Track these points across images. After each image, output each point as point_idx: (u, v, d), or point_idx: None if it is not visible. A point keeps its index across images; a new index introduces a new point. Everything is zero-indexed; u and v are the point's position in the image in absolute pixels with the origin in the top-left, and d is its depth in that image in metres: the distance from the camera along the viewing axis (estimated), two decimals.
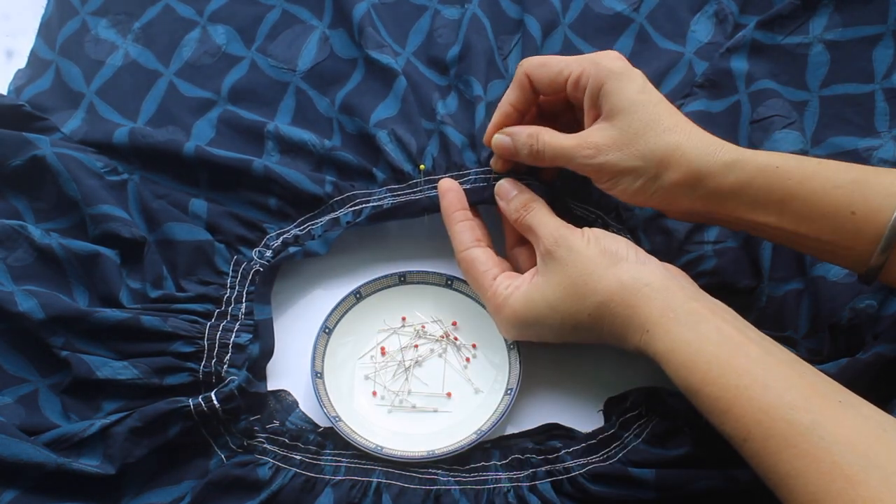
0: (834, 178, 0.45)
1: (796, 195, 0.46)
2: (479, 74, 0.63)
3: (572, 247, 0.50)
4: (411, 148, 0.61)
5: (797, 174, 0.46)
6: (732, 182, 0.47)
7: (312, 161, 0.62)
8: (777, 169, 0.46)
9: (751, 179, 0.47)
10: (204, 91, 0.66)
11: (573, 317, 0.49)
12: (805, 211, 0.46)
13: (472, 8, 0.67)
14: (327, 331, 0.57)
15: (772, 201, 0.47)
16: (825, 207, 0.45)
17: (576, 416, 0.55)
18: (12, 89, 0.67)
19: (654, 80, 0.63)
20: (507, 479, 0.52)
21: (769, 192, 0.46)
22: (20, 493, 0.50)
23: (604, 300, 0.48)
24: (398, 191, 0.60)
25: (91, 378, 0.53)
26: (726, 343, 0.44)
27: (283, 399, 0.57)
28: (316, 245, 0.59)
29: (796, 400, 0.40)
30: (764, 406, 0.41)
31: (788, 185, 0.46)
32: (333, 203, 0.60)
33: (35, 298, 0.54)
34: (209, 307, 0.57)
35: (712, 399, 0.43)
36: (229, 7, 0.69)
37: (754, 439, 0.40)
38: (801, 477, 0.38)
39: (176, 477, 0.53)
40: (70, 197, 0.59)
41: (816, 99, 0.61)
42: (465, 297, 0.59)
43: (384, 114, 0.62)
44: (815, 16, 0.63)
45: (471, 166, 0.60)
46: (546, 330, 0.51)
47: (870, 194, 0.44)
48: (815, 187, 0.45)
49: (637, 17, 0.67)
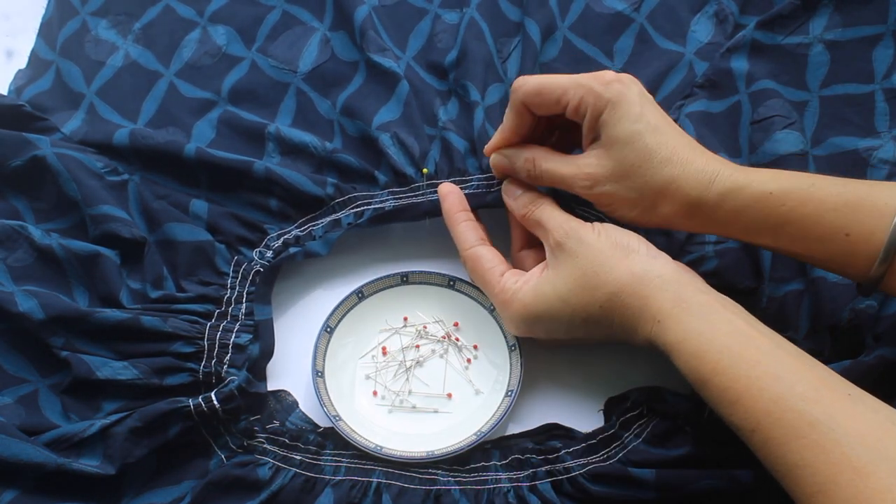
0: (827, 201, 0.46)
1: (790, 221, 0.46)
2: (477, 80, 0.63)
3: (583, 239, 0.50)
4: (414, 151, 0.61)
5: (791, 200, 0.46)
6: (728, 211, 0.48)
7: (313, 163, 0.62)
8: (770, 195, 0.47)
9: (745, 208, 0.47)
10: (204, 92, 0.66)
11: (584, 309, 0.49)
12: (800, 235, 0.47)
13: (469, 12, 0.67)
14: (329, 330, 0.57)
15: (767, 227, 0.47)
16: (820, 231, 0.46)
17: (576, 416, 0.55)
18: (12, 89, 0.67)
19: (654, 81, 0.63)
20: (507, 479, 0.52)
21: (764, 220, 0.47)
22: (20, 493, 0.50)
23: (616, 291, 0.48)
24: (400, 194, 0.60)
25: (91, 378, 0.53)
26: (737, 334, 0.44)
27: (283, 399, 0.57)
28: (317, 246, 0.59)
29: (807, 391, 0.40)
30: (774, 396, 0.41)
31: (782, 211, 0.47)
32: (335, 204, 0.60)
33: (35, 299, 0.54)
34: (209, 307, 0.57)
35: (722, 389, 0.43)
36: (229, 8, 0.69)
37: (763, 430, 0.41)
38: (810, 468, 0.38)
39: (176, 477, 0.53)
40: (70, 197, 0.59)
41: (816, 99, 0.61)
42: (467, 298, 0.59)
43: (386, 117, 0.62)
44: (815, 16, 0.63)
45: (473, 172, 0.60)
46: (556, 324, 0.51)
47: (864, 217, 0.45)
48: (808, 212, 0.46)
49: (637, 16, 0.67)
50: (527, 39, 0.65)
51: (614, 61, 0.65)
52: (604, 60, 0.65)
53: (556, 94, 0.52)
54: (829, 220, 0.45)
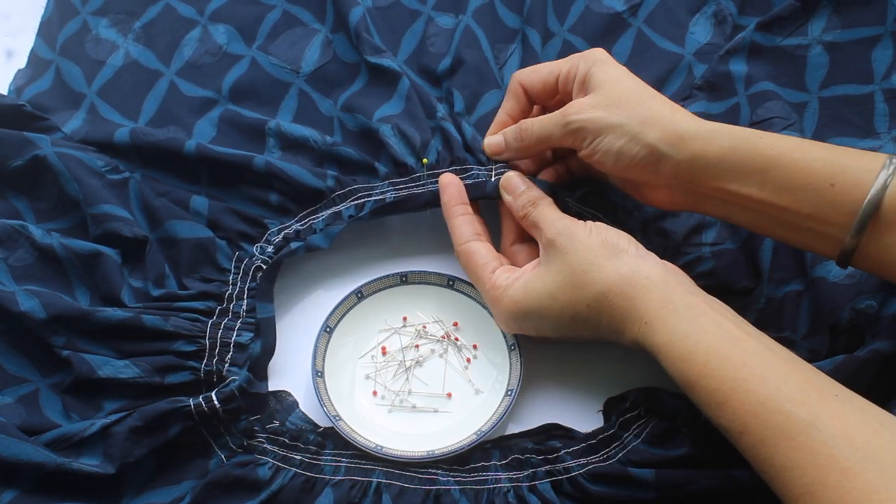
0: (815, 152, 0.46)
1: (777, 164, 0.47)
2: (465, 88, 0.63)
3: (574, 236, 0.50)
4: (415, 141, 0.61)
5: (779, 146, 0.47)
6: (715, 147, 0.48)
7: (314, 157, 0.62)
8: (760, 139, 0.48)
9: (733, 146, 0.48)
10: (205, 90, 0.66)
11: (572, 307, 0.49)
12: (786, 181, 0.47)
13: (465, 19, 0.67)
14: (328, 330, 0.57)
15: (754, 170, 0.47)
16: (805, 178, 0.46)
17: (576, 417, 0.56)
18: (12, 89, 0.67)
19: (654, 84, 0.63)
20: (506, 479, 0.52)
21: (752, 161, 0.47)
22: (20, 493, 0.50)
23: (603, 291, 0.48)
24: (401, 184, 0.60)
25: (92, 377, 0.53)
26: (724, 336, 0.44)
27: (283, 399, 0.57)
28: (318, 239, 0.59)
29: (794, 393, 0.40)
30: (761, 398, 0.41)
31: (770, 154, 0.47)
32: (335, 197, 0.60)
33: (36, 298, 0.54)
34: (211, 304, 0.57)
35: (709, 391, 0.43)
36: (230, 6, 0.69)
37: (751, 432, 0.41)
38: (798, 469, 0.39)
39: (176, 477, 0.53)
40: (71, 196, 0.59)
41: (816, 100, 0.61)
42: (466, 298, 0.59)
43: (388, 111, 0.63)
44: (814, 17, 0.63)
45: (473, 163, 0.60)
46: (545, 322, 0.51)
47: (849, 168, 0.45)
48: (796, 157, 0.46)
49: (636, 18, 0.67)
50: (528, 48, 0.65)
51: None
52: None
53: (549, 68, 0.56)
54: (816, 167, 0.46)
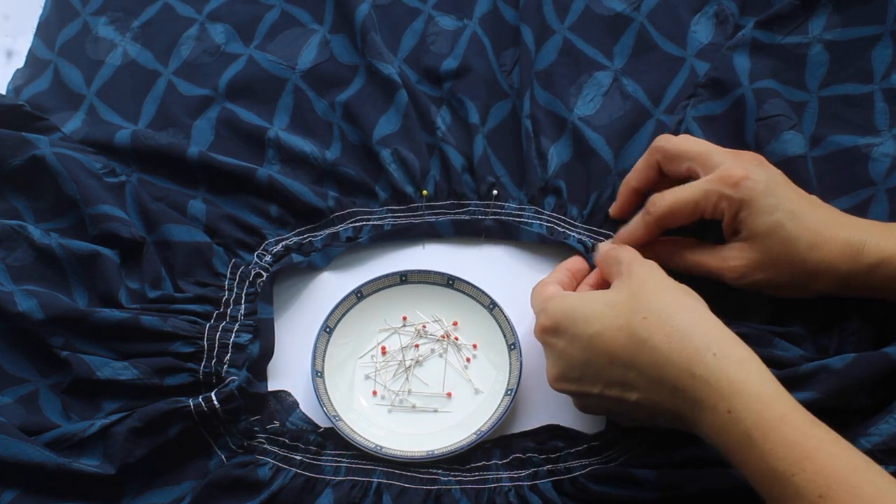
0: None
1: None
2: (477, 99, 0.63)
3: (654, 271, 0.49)
4: (414, 170, 0.61)
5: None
6: (880, 279, 0.49)
7: (313, 173, 0.62)
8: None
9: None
10: (202, 89, 0.66)
11: (626, 315, 0.46)
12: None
13: (472, 25, 0.67)
14: (328, 330, 0.57)
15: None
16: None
17: (575, 416, 0.55)
18: (11, 89, 0.67)
19: (657, 88, 0.63)
20: (507, 478, 0.52)
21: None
22: (20, 493, 0.50)
23: (664, 317, 0.46)
24: (399, 212, 0.61)
25: (91, 378, 0.53)
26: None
27: (283, 399, 0.57)
28: (317, 258, 0.60)
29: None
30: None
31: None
32: (334, 217, 0.61)
33: (35, 298, 0.54)
34: (208, 308, 0.57)
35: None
36: (228, 6, 0.69)
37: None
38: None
39: (176, 477, 0.53)
40: (69, 197, 0.59)
41: (815, 100, 0.61)
42: (466, 297, 0.59)
43: (387, 129, 0.63)
44: (815, 16, 0.63)
45: (471, 195, 0.61)
46: (590, 325, 0.47)
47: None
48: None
49: (637, 16, 0.67)
50: (523, 48, 0.65)
51: (614, 62, 0.65)
52: (604, 61, 0.65)
53: (689, 209, 0.52)
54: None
